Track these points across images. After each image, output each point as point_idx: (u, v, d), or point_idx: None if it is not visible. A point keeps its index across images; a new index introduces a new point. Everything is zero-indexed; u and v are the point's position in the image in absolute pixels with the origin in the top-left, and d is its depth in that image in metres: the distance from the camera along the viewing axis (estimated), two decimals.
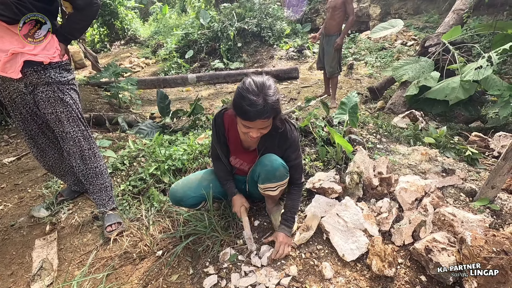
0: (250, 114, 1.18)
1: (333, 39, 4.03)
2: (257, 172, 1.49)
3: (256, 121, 1.20)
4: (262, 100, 1.17)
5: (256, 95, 1.17)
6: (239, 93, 1.21)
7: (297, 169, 1.51)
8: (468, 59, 3.78)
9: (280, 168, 1.42)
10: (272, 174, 1.42)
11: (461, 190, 1.67)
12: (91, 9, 1.60)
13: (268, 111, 1.19)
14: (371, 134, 2.38)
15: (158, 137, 2.54)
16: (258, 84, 1.20)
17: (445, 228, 1.41)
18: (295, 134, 1.45)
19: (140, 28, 11.02)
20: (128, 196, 2.11)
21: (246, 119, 1.21)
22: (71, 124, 1.67)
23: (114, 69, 4.16)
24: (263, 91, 1.19)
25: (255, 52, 7.25)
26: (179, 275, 1.50)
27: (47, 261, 1.65)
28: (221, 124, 1.49)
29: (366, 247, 1.42)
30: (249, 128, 1.26)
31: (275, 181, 1.45)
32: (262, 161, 1.45)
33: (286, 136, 1.42)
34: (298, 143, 1.48)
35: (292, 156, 1.47)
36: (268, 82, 1.22)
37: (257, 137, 1.30)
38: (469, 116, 3.60)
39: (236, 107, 1.22)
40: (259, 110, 1.17)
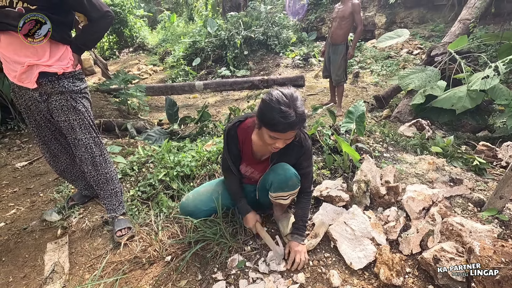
0: (282, 126, 1.17)
1: (340, 48, 4.08)
2: (269, 180, 1.50)
3: (287, 132, 1.20)
4: (293, 111, 1.16)
5: (287, 106, 1.16)
6: (268, 105, 1.19)
7: (307, 177, 1.52)
8: (474, 69, 3.79)
9: (293, 178, 1.43)
10: (285, 183, 1.44)
11: (469, 200, 1.67)
12: (105, 21, 1.66)
13: (299, 123, 1.19)
14: (377, 143, 2.39)
15: (167, 144, 2.58)
16: (288, 95, 1.18)
17: (453, 238, 1.41)
18: (309, 142, 1.46)
19: (148, 36, 11.24)
20: (137, 201, 2.14)
21: (277, 131, 1.19)
22: (83, 131, 1.72)
23: (124, 76, 4.25)
24: (293, 102, 1.17)
25: (261, 60, 7.34)
26: (188, 281, 1.52)
27: (58, 264, 1.69)
28: (235, 136, 1.49)
29: (374, 255, 1.43)
30: (276, 139, 1.25)
31: (288, 190, 1.47)
32: (275, 170, 1.46)
33: (301, 144, 1.42)
34: (311, 151, 1.49)
35: (304, 164, 1.48)
36: (295, 94, 1.21)
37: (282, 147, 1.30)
38: (476, 125, 3.59)
39: (264, 119, 1.21)
40: (291, 122, 1.16)
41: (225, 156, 1.58)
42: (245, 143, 1.51)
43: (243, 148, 1.53)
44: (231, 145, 1.52)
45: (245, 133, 1.48)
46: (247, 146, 1.52)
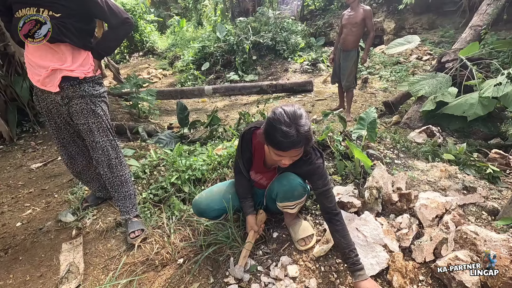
0: (284, 145, 1.17)
1: (351, 54, 4.09)
2: (275, 191, 1.52)
3: (291, 151, 1.20)
4: (294, 130, 1.15)
5: (288, 126, 1.15)
6: (270, 123, 1.20)
7: (327, 197, 1.40)
8: (486, 75, 3.76)
9: (298, 188, 1.44)
10: (291, 194, 1.46)
11: (483, 209, 1.66)
12: (124, 28, 1.71)
13: (301, 141, 1.17)
14: (388, 149, 2.39)
15: (179, 148, 2.62)
16: (290, 114, 1.18)
17: (467, 247, 1.40)
18: (320, 161, 1.41)
19: (158, 40, 11.42)
20: (149, 204, 2.17)
21: (279, 150, 1.20)
22: (101, 134, 1.77)
23: (135, 80, 4.33)
24: (295, 121, 1.17)
25: (269, 65, 7.39)
26: (200, 284, 1.54)
27: (73, 264, 1.72)
28: (249, 140, 1.51)
29: (387, 262, 1.43)
30: (281, 157, 1.26)
31: (293, 200, 1.48)
32: (280, 180, 1.47)
33: (309, 162, 1.40)
34: (323, 170, 1.42)
35: (319, 183, 1.40)
36: (299, 112, 1.20)
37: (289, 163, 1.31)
38: (488, 132, 3.54)
39: (268, 138, 1.22)
40: (292, 141, 1.16)
41: (237, 158, 1.62)
42: (257, 149, 1.53)
43: (255, 153, 1.56)
44: (244, 148, 1.55)
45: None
46: (259, 152, 1.54)
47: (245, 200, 1.67)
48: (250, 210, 1.64)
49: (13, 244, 1.98)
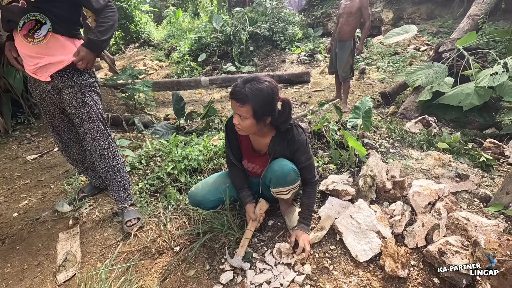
0: (231, 92, 1.31)
1: (347, 44, 4.06)
2: (268, 177, 1.54)
3: (232, 100, 1.31)
4: (244, 86, 1.28)
5: (243, 81, 1.30)
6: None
7: (308, 170, 1.53)
8: (483, 65, 3.76)
9: (290, 173, 1.46)
10: (283, 179, 1.47)
11: (475, 196, 1.68)
12: (108, 11, 1.66)
13: (240, 96, 1.27)
14: (383, 139, 2.40)
15: (175, 138, 2.62)
16: (255, 75, 1.32)
17: (459, 232, 1.43)
18: (303, 137, 1.47)
19: (153, 31, 11.27)
20: (145, 194, 2.18)
21: (230, 98, 1.32)
22: (91, 124, 1.75)
23: (131, 71, 4.29)
24: (252, 81, 1.29)
25: (266, 56, 7.33)
26: (196, 271, 1.56)
27: (71, 253, 1.74)
28: (233, 128, 1.52)
29: (379, 248, 1.45)
30: (235, 114, 1.35)
31: (286, 185, 1.49)
32: (272, 167, 1.49)
33: (293, 139, 1.45)
34: (307, 145, 1.49)
35: (302, 158, 1.49)
36: (262, 80, 1.31)
37: (238, 126, 1.37)
38: (483, 122, 3.56)
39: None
40: (235, 89, 1.28)
41: (227, 150, 1.64)
42: (243, 135, 1.55)
43: (242, 140, 1.58)
44: (230, 137, 1.57)
45: None
46: (245, 138, 1.56)
47: (242, 190, 1.68)
48: (248, 199, 1.65)
49: (10, 234, 1.99)
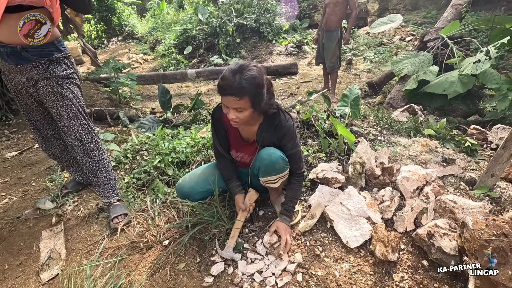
0: (221, 88, 1.21)
1: (334, 34, 4.04)
2: (256, 166, 1.51)
3: (227, 97, 1.22)
4: (236, 77, 1.19)
5: (231, 72, 1.20)
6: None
7: (294, 159, 1.50)
8: (466, 54, 3.82)
9: (279, 161, 1.44)
10: (272, 167, 1.45)
11: (461, 179, 1.71)
12: None
13: (238, 89, 1.19)
14: (372, 127, 2.41)
15: (161, 131, 2.55)
16: (240, 64, 1.23)
17: (446, 215, 1.45)
18: (290, 123, 1.44)
19: (137, 24, 10.93)
20: (132, 188, 2.12)
21: (219, 93, 1.24)
22: (71, 118, 1.67)
23: (114, 64, 4.15)
24: (241, 70, 1.20)
25: (254, 48, 7.25)
26: (186, 264, 1.53)
27: (55, 251, 1.67)
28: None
29: (370, 233, 1.46)
30: (226, 108, 1.28)
31: (275, 174, 1.47)
32: (261, 155, 1.47)
33: (281, 124, 1.42)
34: (293, 132, 1.47)
35: (288, 145, 1.46)
36: (250, 67, 1.23)
37: (235, 120, 1.29)
38: (467, 110, 3.64)
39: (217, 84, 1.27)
40: (228, 84, 1.19)
41: (214, 141, 1.59)
42: (231, 125, 1.50)
43: (229, 130, 1.54)
44: (217, 127, 1.53)
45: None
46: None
47: (231, 181, 1.64)
48: (237, 189, 1.62)
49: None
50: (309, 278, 1.37)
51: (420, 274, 1.31)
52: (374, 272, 1.35)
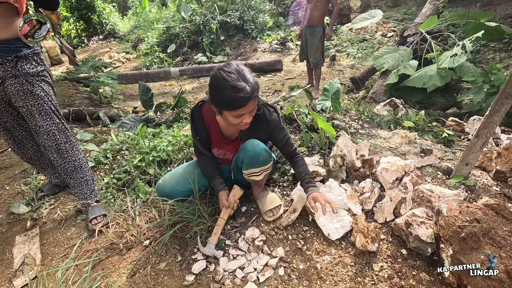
0: (242, 100, 1.18)
1: (317, 30, 4.06)
2: (240, 158, 1.50)
3: (249, 103, 1.21)
4: (244, 83, 1.19)
5: (238, 81, 1.19)
6: (219, 88, 1.21)
7: (289, 144, 1.55)
8: (444, 48, 3.92)
9: (262, 153, 1.43)
10: (255, 159, 1.44)
11: (438, 169, 1.75)
12: None
13: (255, 89, 1.22)
14: (353, 121, 2.44)
15: (142, 129, 2.50)
16: (234, 71, 1.21)
17: (424, 204, 1.48)
18: (274, 115, 1.46)
19: (119, 22, 10.69)
20: (112, 189, 2.07)
21: (239, 107, 1.21)
22: (43, 117, 1.60)
23: (93, 63, 4.03)
24: (240, 74, 1.21)
25: (238, 45, 7.21)
26: (167, 263, 1.50)
27: (29, 256, 1.61)
28: (200, 117, 1.48)
29: (350, 225, 1.47)
30: (240, 116, 1.26)
31: (259, 166, 1.46)
32: (245, 147, 1.46)
33: (266, 119, 1.43)
34: (280, 123, 1.49)
35: (280, 136, 1.50)
36: (240, 66, 1.24)
37: (250, 121, 1.31)
38: (446, 102, 3.74)
39: (222, 103, 1.23)
40: (247, 92, 1.18)
41: (194, 140, 1.57)
42: (211, 123, 1.50)
43: (210, 128, 1.52)
44: (198, 126, 1.51)
45: (210, 113, 1.46)
46: (214, 126, 1.50)
47: (214, 178, 1.62)
48: (221, 187, 1.60)
49: None
50: (291, 272, 1.36)
51: (399, 262, 1.33)
52: (355, 263, 1.36)
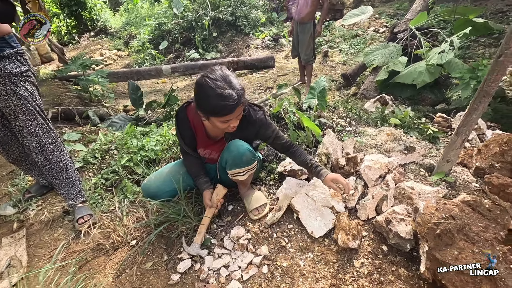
0: (230, 108, 1.20)
1: (307, 26, 4.05)
2: (224, 158, 1.51)
3: (236, 109, 1.23)
4: (231, 90, 1.20)
5: (225, 89, 1.19)
6: (205, 96, 1.21)
7: (279, 138, 1.55)
8: (433, 44, 3.95)
9: (246, 153, 1.44)
10: (239, 159, 1.45)
11: (421, 166, 1.78)
12: None
13: (242, 95, 1.23)
14: (341, 118, 2.45)
15: (130, 128, 2.49)
16: (219, 78, 1.21)
17: (405, 201, 1.50)
18: (260, 114, 1.47)
19: (110, 18, 10.53)
20: (100, 189, 2.07)
21: (227, 114, 1.22)
22: (27, 117, 1.60)
23: (82, 61, 3.99)
24: (226, 81, 1.21)
25: (231, 42, 7.17)
26: (154, 262, 1.52)
27: (15, 258, 1.61)
28: (185, 118, 1.49)
29: (333, 223, 1.50)
30: (227, 122, 1.28)
31: (243, 166, 1.48)
32: (229, 147, 1.47)
33: (252, 119, 1.44)
34: (267, 120, 1.49)
35: (268, 132, 1.50)
36: (225, 72, 1.24)
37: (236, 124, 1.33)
38: (435, 98, 3.78)
39: (208, 109, 1.24)
40: (235, 99, 1.19)
41: (179, 141, 1.58)
42: (197, 124, 1.50)
43: (196, 129, 1.52)
44: (183, 128, 1.51)
45: (195, 114, 1.45)
46: (199, 127, 1.50)
47: (199, 177, 1.63)
48: (205, 186, 1.61)
49: None
50: (274, 270, 1.39)
51: (379, 259, 1.36)
52: (337, 259, 1.39)
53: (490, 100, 1.42)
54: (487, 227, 1.16)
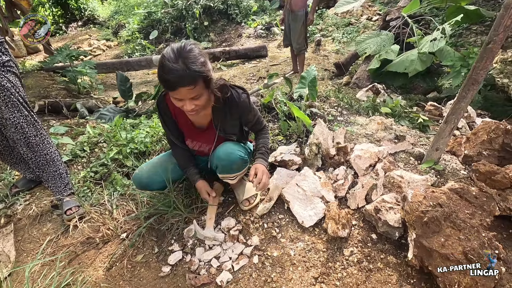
0: (170, 83, 1.09)
1: (299, 14, 3.99)
2: (214, 163, 1.50)
3: (179, 89, 1.11)
4: (181, 65, 1.08)
5: (173, 62, 1.08)
6: (159, 63, 1.13)
7: (258, 123, 1.55)
8: (426, 32, 3.92)
9: (237, 161, 1.43)
10: (229, 168, 1.45)
11: (411, 154, 1.79)
12: None
13: (191, 77, 1.09)
14: (332, 108, 2.44)
15: (119, 120, 2.45)
16: (176, 49, 1.10)
17: (394, 190, 1.51)
18: (243, 96, 1.40)
19: (98, 7, 10.24)
20: (89, 182, 2.04)
21: (169, 89, 1.12)
22: (10, 109, 1.55)
23: (68, 52, 3.88)
24: (182, 55, 1.09)
25: (222, 31, 7.05)
26: (144, 255, 1.51)
27: (3, 253, 1.59)
28: (165, 107, 1.43)
29: (323, 212, 1.50)
30: (180, 101, 1.18)
31: (233, 173, 1.48)
32: (219, 155, 1.44)
33: (235, 102, 1.37)
34: (249, 103, 1.42)
35: (250, 117, 1.47)
36: (188, 46, 1.12)
37: (195, 109, 1.21)
38: (426, 87, 3.78)
39: (159, 80, 1.14)
40: (178, 76, 1.08)
41: (165, 131, 1.54)
42: (179, 113, 1.45)
43: (178, 118, 1.48)
44: (165, 117, 1.47)
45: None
46: (182, 115, 1.46)
47: (188, 168, 1.59)
48: (196, 176, 1.58)
49: None
50: (265, 260, 1.39)
51: (368, 247, 1.37)
52: (327, 248, 1.40)
53: (480, 88, 1.42)
54: (474, 214, 1.17)
